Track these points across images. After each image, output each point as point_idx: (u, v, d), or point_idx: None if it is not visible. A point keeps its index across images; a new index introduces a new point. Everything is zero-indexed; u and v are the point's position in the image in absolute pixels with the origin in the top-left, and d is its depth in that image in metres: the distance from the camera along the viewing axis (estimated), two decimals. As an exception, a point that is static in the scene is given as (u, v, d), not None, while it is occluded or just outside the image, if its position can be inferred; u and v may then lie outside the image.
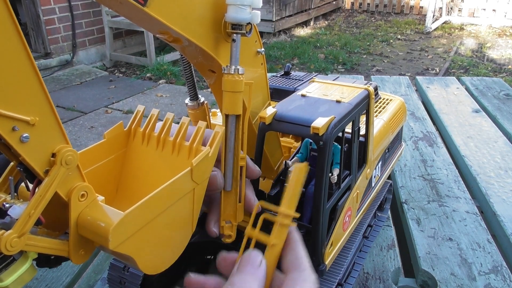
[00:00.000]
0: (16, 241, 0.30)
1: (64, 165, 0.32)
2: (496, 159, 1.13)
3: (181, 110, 3.35)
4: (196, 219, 0.42)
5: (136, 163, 0.47)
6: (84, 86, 4.06)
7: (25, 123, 0.29)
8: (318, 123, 0.47)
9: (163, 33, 0.41)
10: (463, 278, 0.74)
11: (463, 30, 6.27)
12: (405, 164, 1.11)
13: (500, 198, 0.96)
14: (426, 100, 1.59)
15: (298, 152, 0.60)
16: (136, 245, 0.36)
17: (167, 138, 0.45)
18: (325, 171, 0.49)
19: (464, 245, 0.82)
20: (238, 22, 0.42)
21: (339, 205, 0.55)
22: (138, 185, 0.46)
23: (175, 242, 0.40)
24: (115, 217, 0.34)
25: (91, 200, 0.35)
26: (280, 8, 5.67)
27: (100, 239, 0.34)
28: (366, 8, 7.47)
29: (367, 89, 0.58)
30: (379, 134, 0.68)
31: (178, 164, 0.43)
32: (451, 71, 4.52)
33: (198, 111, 0.58)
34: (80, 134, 3.09)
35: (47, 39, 4.27)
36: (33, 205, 0.31)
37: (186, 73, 0.56)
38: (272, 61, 4.76)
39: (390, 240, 0.83)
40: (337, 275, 0.59)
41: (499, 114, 1.43)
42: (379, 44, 5.62)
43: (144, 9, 0.36)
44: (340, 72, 4.47)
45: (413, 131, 1.31)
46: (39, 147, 0.31)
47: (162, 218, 0.38)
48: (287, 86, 0.73)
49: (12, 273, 0.32)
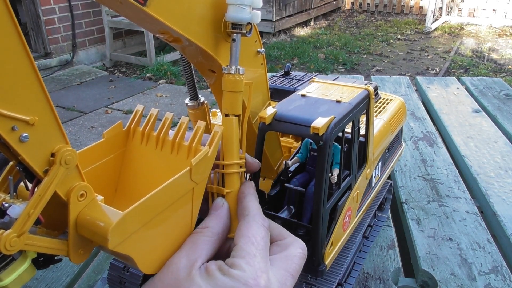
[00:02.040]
0: (15, 240, 0.30)
1: (64, 164, 0.32)
2: (496, 159, 1.13)
3: (181, 110, 3.35)
4: (195, 218, 0.42)
5: (135, 163, 0.47)
6: (84, 86, 4.06)
7: (25, 122, 0.29)
8: (318, 123, 0.47)
9: (163, 33, 0.41)
10: (463, 278, 0.73)
11: (463, 30, 6.27)
12: (405, 164, 1.11)
13: (500, 198, 0.96)
14: (426, 100, 1.59)
15: (298, 152, 0.60)
16: (135, 245, 0.36)
17: (166, 138, 0.45)
18: (325, 171, 0.48)
19: (464, 245, 0.82)
20: (238, 22, 0.42)
21: (339, 205, 0.55)
22: (137, 184, 0.46)
23: (174, 242, 0.40)
24: (114, 216, 0.34)
25: (90, 199, 0.35)
26: (280, 8, 5.67)
27: (99, 238, 0.34)
28: (366, 8, 7.47)
29: (367, 89, 0.58)
30: (379, 134, 0.68)
31: (177, 164, 0.43)
32: (451, 71, 4.52)
33: (198, 111, 0.58)
34: (80, 134, 3.09)
35: (47, 39, 4.27)
36: (32, 205, 0.31)
37: (186, 73, 0.56)
38: (272, 61, 4.76)
39: (390, 240, 0.83)
40: (337, 275, 0.59)
41: (499, 114, 1.43)
42: (379, 44, 5.62)
43: (144, 9, 0.35)
44: (340, 72, 4.47)
45: (413, 131, 1.31)
46: (38, 147, 0.31)
47: (161, 218, 0.38)
48: (287, 86, 0.73)
49: (11, 273, 0.32)
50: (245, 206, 0.44)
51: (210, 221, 0.42)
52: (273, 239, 0.44)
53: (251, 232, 0.41)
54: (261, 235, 0.41)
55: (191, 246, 0.40)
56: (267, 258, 0.40)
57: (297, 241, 0.44)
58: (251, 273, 0.37)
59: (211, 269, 0.38)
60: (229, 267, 0.38)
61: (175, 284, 0.37)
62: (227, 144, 0.44)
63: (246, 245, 0.40)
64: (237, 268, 0.37)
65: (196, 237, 0.41)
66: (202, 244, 0.40)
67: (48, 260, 0.35)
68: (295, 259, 0.42)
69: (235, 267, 0.38)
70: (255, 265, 0.38)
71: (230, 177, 0.45)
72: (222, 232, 0.42)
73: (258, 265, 0.38)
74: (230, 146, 0.44)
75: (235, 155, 0.44)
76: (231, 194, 0.45)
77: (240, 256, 0.39)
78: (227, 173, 0.44)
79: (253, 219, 0.42)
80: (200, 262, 0.38)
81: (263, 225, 0.42)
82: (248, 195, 0.45)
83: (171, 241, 0.40)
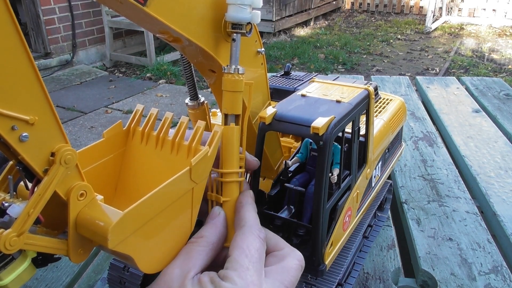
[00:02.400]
0: (15, 240, 0.30)
1: (63, 164, 0.32)
2: (496, 159, 1.13)
3: (181, 110, 3.35)
4: (194, 218, 0.42)
5: (135, 162, 0.47)
6: (84, 86, 4.06)
7: (25, 122, 0.29)
8: (318, 123, 0.47)
9: (163, 33, 0.41)
10: (463, 278, 0.73)
11: (463, 30, 6.27)
12: (405, 164, 1.11)
13: (500, 198, 0.96)
14: (426, 100, 1.59)
15: (298, 152, 0.60)
16: (135, 244, 0.36)
17: (166, 138, 0.45)
18: (325, 171, 0.48)
19: (464, 245, 0.82)
20: (238, 22, 0.42)
21: (339, 205, 0.55)
22: (137, 184, 0.46)
23: (173, 241, 0.40)
24: (114, 216, 0.34)
25: (90, 199, 0.35)
26: (280, 8, 5.67)
27: (99, 238, 0.34)
28: (366, 8, 7.47)
29: (367, 89, 0.58)
30: (379, 134, 0.68)
31: (177, 164, 0.43)
32: (451, 71, 4.52)
33: (198, 111, 0.58)
34: (80, 134, 3.09)
35: (47, 39, 4.27)
36: (32, 204, 0.31)
37: (186, 73, 0.56)
38: (272, 61, 4.76)
39: (390, 240, 0.83)
40: (337, 275, 0.59)
41: (499, 114, 1.43)
42: (379, 44, 5.62)
43: (144, 9, 0.35)
44: (340, 72, 4.47)
45: (413, 131, 1.31)
46: (38, 146, 0.31)
47: (161, 218, 0.38)
48: (287, 86, 0.73)
49: (11, 272, 0.32)
50: (242, 217, 0.43)
51: (206, 230, 0.42)
52: (269, 250, 0.44)
53: (246, 244, 0.40)
54: (256, 247, 0.41)
55: (185, 256, 0.40)
56: (261, 271, 0.40)
57: (294, 252, 0.44)
58: (242, 286, 0.37)
59: (203, 281, 0.37)
60: (220, 279, 0.37)
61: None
62: (227, 152, 0.43)
63: (239, 257, 0.39)
64: (228, 280, 0.37)
65: (190, 247, 0.41)
66: (197, 254, 0.40)
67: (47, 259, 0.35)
68: (292, 271, 0.42)
69: (227, 280, 0.37)
70: (247, 278, 0.38)
71: (228, 186, 0.44)
72: (218, 242, 0.42)
73: (250, 278, 0.38)
74: (229, 154, 0.44)
75: (234, 164, 0.44)
76: (228, 203, 0.45)
77: (233, 268, 0.38)
78: (225, 182, 0.44)
79: (249, 230, 0.42)
80: (193, 273, 0.38)
81: (258, 237, 0.42)
82: (246, 205, 0.44)
83: (171, 241, 0.40)
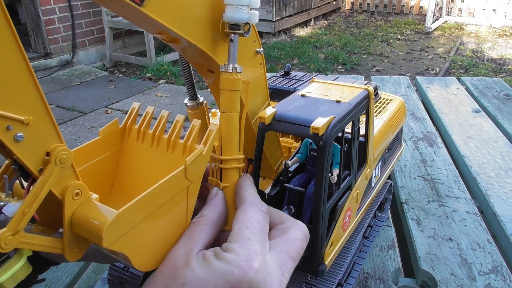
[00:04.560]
0: (11, 239, 0.30)
1: (59, 164, 0.32)
2: (496, 159, 1.13)
3: (181, 110, 3.35)
4: (190, 216, 0.42)
5: (131, 160, 0.47)
6: (84, 86, 4.06)
7: (20, 122, 0.29)
8: (318, 123, 0.47)
9: (161, 33, 0.41)
10: (463, 278, 0.73)
11: (463, 30, 6.27)
12: (405, 164, 1.11)
13: (500, 198, 0.96)
14: (426, 100, 1.59)
15: (298, 152, 0.59)
16: (129, 243, 0.36)
17: (162, 136, 0.45)
18: (325, 171, 0.48)
19: (464, 245, 0.81)
20: (236, 22, 0.41)
21: (339, 205, 0.55)
22: (133, 182, 0.47)
23: (169, 239, 0.40)
24: (109, 215, 0.34)
25: (85, 198, 0.35)
26: (280, 8, 5.67)
27: (94, 237, 0.34)
28: (366, 8, 7.47)
29: (367, 89, 0.58)
30: (379, 134, 0.68)
31: (173, 162, 0.43)
32: (451, 71, 4.52)
33: (197, 111, 0.58)
34: (80, 134, 3.09)
35: (47, 39, 4.27)
36: (27, 204, 0.31)
37: (185, 73, 0.55)
38: (272, 61, 4.76)
39: (390, 240, 0.82)
40: (337, 275, 0.59)
41: (499, 114, 1.42)
42: (379, 44, 5.62)
43: (141, 9, 0.35)
44: (340, 72, 4.47)
45: (413, 131, 1.30)
46: (33, 146, 0.31)
47: (156, 216, 0.38)
48: (287, 86, 0.73)
49: (7, 271, 0.32)
50: (242, 195, 0.44)
51: (206, 209, 0.43)
52: (273, 224, 0.44)
53: (247, 217, 0.41)
54: (257, 219, 0.41)
55: (188, 236, 0.41)
56: (264, 242, 0.40)
57: (297, 224, 0.44)
58: (244, 255, 0.37)
59: (207, 255, 0.38)
60: (223, 251, 0.38)
61: (173, 272, 0.37)
62: (227, 139, 0.44)
63: (241, 230, 0.40)
64: (230, 251, 0.38)
65: (192, 227, 0.41)
66: (198, 232, 0.41)
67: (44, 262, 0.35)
68: (296, 241, 0.42)
69: (229, 251, 0.38)
70: (249, 247, 0.38)
71: (228, 172, 0.45)
72: (218, 219, 0.43)
73: (252, 248, 0.38)
74: (229, 141, 0.44)
75: (234, 150, 0.44)
76: (228, 188, 0.45)
77: (235, 240, 0.39)
78: (225, 168, 0.44)
79: (249, 205, 0.42)
80: (197, 249, 0.39)
81: (260, 210, 0.42)
82: (245, 185, 0.45)
83: (166, 239, 0.40)
